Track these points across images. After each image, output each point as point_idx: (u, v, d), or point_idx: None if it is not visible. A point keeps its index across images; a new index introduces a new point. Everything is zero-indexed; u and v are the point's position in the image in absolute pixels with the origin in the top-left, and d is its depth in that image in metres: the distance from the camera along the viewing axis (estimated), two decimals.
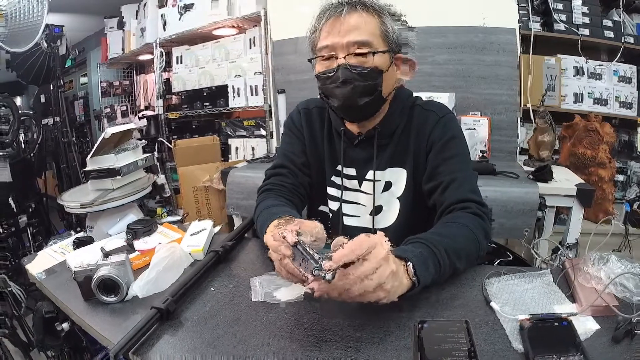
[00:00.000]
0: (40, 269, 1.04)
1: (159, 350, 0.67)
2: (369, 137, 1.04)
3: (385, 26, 0.94)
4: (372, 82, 0.93)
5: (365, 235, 0.67)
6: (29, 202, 2.66)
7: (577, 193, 1.63)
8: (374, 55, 0.92)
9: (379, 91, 0.95)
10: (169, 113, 3.44)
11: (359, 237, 0.66)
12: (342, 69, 0.91)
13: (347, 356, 0.63)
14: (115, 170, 1.34)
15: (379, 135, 1.03)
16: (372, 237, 0.67)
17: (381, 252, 0.65)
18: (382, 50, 0.93)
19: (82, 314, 0.82)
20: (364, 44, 0.91)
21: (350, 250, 0.64)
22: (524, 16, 2.21)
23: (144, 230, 1.16)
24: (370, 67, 0.92)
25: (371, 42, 0.91)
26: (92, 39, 4.47)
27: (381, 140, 1.04)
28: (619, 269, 0.74)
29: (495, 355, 0.62)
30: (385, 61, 0.94)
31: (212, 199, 2.78)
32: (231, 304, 0.79)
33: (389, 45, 0.94)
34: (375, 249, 0.65)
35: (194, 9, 3.00)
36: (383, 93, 0.96)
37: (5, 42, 1.62)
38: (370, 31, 0.92)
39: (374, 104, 0.97)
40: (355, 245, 0.64)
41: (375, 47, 0.92)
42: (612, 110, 2.30)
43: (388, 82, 0.97)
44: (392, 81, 0.99)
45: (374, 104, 0.97)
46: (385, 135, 1.04)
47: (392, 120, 1.03)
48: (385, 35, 0.93)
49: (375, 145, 1.04)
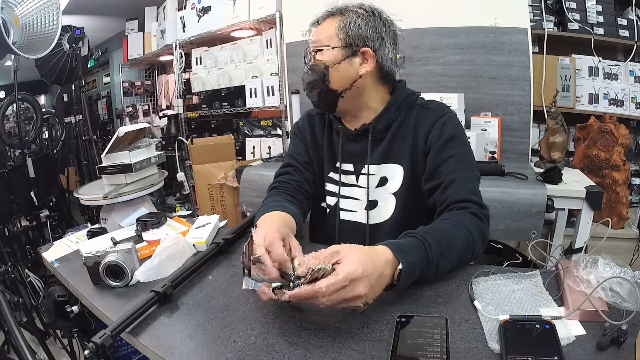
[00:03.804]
0: (55, 256, 1.11)
1: (153, 330, 0.72)
2: (364, 132, 1.08)
3: (342, 24, 1.00)
4: (317, 77, 1.02)
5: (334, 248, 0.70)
6: (51, 196, 2.77)
7: (586, 195, 1.60)
8: (317, 52, 1.02)
9: (326, 84, 1.02)
10: (188, 112, 3.52)
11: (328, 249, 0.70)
12: (305, 67, 1.05)
13: (323, 344, 0.66)
14: (129, 166, 1.40)
15: (374, 130, 1.07)
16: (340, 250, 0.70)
17: (349, 267, 0.66)
18: (328, 46, 1.00)
19: (90, 296, 0.88)
20: (316, 43, 1.02)
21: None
22: (537, 15, 2.19)
23: (153, 223, 1.22)
24: (315, 62, 1.02)
25: (321, 41, 1.02)
26: (115, 40, 4.59)
27: (376, 134, 1.07)
28: (607, 273, 0.71)
29: (469, 353, 0.62)
30: (333, 56, 1.00)
31: (226, 197, 2.83)
32: (225, 291, 0.84)
33: (342, 41, 1.00)
34: (343, 264, 0.67)
35: (211, 11, 3.07)
36: (332, 86, 1.02)
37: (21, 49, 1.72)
38: (325, 32, 1.02)
39: (325, 95, 1.04)
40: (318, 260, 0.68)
41: (324, 45, 1.01)
42: (628, 111, 2.24)
43: (337, 75, 1.01)
44: (346, 74, 1.02)
45: (325, 95, 1.04)
46: (380, 130, 1.07)
47: (387, 116, 1.06)
48: (337, 33, 1.00)
49: (370, 139, 1.07)
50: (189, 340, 0.69)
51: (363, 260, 0.68)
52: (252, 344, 0.66)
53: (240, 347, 0.66)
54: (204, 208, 2.83)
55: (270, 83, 2.87)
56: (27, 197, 2.51)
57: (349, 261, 0.67)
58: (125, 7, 3.81)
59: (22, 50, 1.74)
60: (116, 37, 4.53)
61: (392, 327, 0.67)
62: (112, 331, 0.66)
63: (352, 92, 1.04)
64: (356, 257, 0.68)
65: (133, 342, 0.71)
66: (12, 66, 2.39)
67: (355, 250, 0.70)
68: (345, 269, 0.66)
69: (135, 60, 4.04)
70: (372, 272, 0.68)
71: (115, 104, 4.61)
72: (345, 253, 0.68)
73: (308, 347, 0.65)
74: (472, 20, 2.02)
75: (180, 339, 0.69)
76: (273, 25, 2.77)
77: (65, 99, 4.05)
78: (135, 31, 4.00)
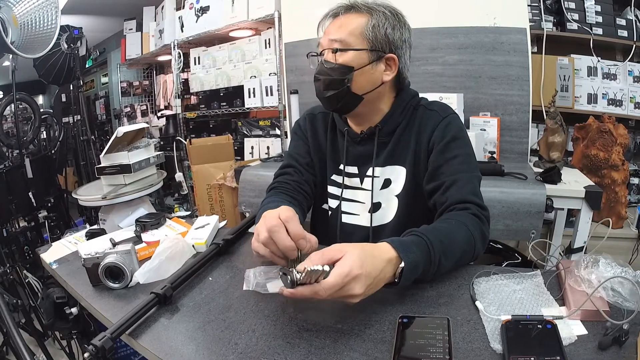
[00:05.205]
0: (54, 258, 1.10)
1: (153, 332, 0.72)
2: (370, 135, 1.07)
3: (370, 25, 0.96)
4: (339, 78, 0.97)
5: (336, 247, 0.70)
6: (49, 197, 2.76)
7: (585, 195, 1.61)
8: (337, 51, 0.97)
9: (347, 87, 0.98)
10: (187, 113, 3.52)
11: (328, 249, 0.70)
12: (319, 64, 1.00)
13: (325, 345, 0.65)
14: (128, 166, 1.40)
15: (380, 133, 1.06)
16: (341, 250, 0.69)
17: (347, 266, 0.66)
18: (355, 48, 0.96)
19: (89, 298, 0.87)
20: (339, 42, 0.97)
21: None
22: (536, 15, 2.19)
23: (152, 224, 1.21)
24: (339, 63, 0.97)
25: (345, 40, 0.96)
26: (113, 40, 4.59)
27: (382, 137, 1.07)
28: (609, 273, 0.71)
29: (472, 354, 0.62)
30: (359, 59, 0.97)
31: (225, 197, 2.83)
32: (225, 292, 0.84)
33: (370, 44, 0.97)
34: (342, 262, 0.67)
35: (210, 11, 3.06)
36: (353, 89, 0.99)
37: (20, 48, 1.71)
38: (349, 30, 0.97)
39: (341, 98, 1.00)
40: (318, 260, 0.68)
41: (350, 45, 0.96)
42: (626, 111, 2.25)
43: (361, 79, 0.99)
44: (370, 79, 0.99)
45: (341, 98, 1.00)
46: (386, 133, 1.06)
47: (393, 119, 1.06)
48: (366, 34, 0.96)
49: (376, 142, 1.06)
50: (190, 342, 0.69)
51: (363, 259, 0.68)
52: (253, 346, 0.66)
53: (242, 349, 0.65)
54: (202, 208, 2.83)
55: (268, 83, 2.87)
56: (25, 197, 2.50)
57: (348, 260, 0.67)
58: (123, 7, 3.80)
59: (21, 49, 1.73)
60: (114, 37, 4.52)
61: (394, 328, 0.67)
62: (112, 333, 0.66)
63: (371, 96, 1.02)
64: (356, 255, 0.67)
65: (133, 344, 0.71)
66: (10, 66, 2.39)
67: (357, 248, 0.70)
68: (343, 268, 0.66)
69: (134, 60, 4.03)
70: (371, 270, 0.68)
71: (113, 104, 4.60)
72: (347, 251, 0.68)
73: (310, 349, 0.64)
74: (471, 20, 2.03)
75: (181, 340, 0.69)
76: (272, 25, 2.77)
77: (63, 99, 4.05)
78: (133, 31, 4.00)
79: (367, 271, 0.67)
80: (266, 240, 0.79)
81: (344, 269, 0.65)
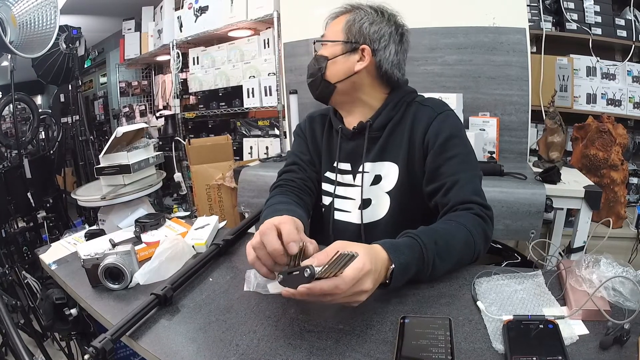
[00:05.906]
0: (53, 258, 1.10)
1: (153, 333, 0.71)
2: (362, 130, 1.08)
3: (349, 20, 1.04)
4: (317, 66, 1.07)
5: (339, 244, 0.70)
6: (48, 197, 2.76)
7: (585, 195, 1.61)
8: (325, 45, 1.07)
9: (321, 74, 1.07)
10: (186, 113, 3.51)
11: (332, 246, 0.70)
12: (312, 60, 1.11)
13: (326, 346, 0.65)
14: (127, 166, 1.39)
15: (371, 128, 1.07)
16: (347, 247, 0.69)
17: (360, 261, 0.66)
18: (331, 40, 1.06)
19: (89, 299, 0.87)
20: (323, 37, 1.09)
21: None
22: (535, 16, 2.19)
23: (152, 224, 1.21)
24: (319, 54, 1.08)
25: (326, 36, 1.08)
26: (111, 40, 4.58)
27: (373, 132, 1.07)
28: (610, 273, 0.71)
29: (474, 354, 0.62)
30: (334, 50, 1.05)
31: (224, 197, 2.83)
32: (226, 293, 0.83)
33: (345, 36, 1.04)
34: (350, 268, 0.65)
35: (208, 11, 3.06)
36: (326, 76, 1.06)
37: (19, 48, 1.70)
38: (334, 28, 1.07)
39: (318, 85, 1.09)
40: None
41: (328, 39, 1.07)
42: (625, 111, 2.25)
43: (333, 68, 1.06)
44: (342, 68, 1.05)
45: (318, 84, 1.09)
46: (377, 128, 1.07)
47: (384, 114, 1.06)
48: (344, 29, 1.04)
49: (366, 137, 1.07)
50: (191, 343, 0.68)
51: (370, 255, 0.69)
52: (254, 347, 0.66)
53: (243, 350, 0.65)
54: (201, 209, 2.83)
55: (267, 83, 2.87)
56: (24, 198, 2.50)
57: (360, 255, 0.66)
58: (122, 7, 3.79)
59: (19, 49, 1.72)
60: (113, 37, 4.52)
61: (395, 328, 0.67)
62: (112, 335, 0.65)
63: (345, 86, 1.06)
64: (365, 251, 0.68)
65: (133, 346, 0.70)
66: (9, 66, 2.38)
67: (361, 245, 0.71)
68: (358, 262, 0.65)
69: (132, 60, 4.03)
70: (376, 267, 0.69)
71: (112, 104, 4.60)
72: (353, 249, 0.67)
73: (312, 350, 0.64)
74: (471, 20, 2.03)
75: (182, 342, 0.69)
76: (271, 25, 2.76)
77: (62, 99, 4.03)
78: (132, 31, 3.99)
79: (376, 267, 0.69)
80: (257, 244, 0.76)
81: (358, 263, 0.65)
